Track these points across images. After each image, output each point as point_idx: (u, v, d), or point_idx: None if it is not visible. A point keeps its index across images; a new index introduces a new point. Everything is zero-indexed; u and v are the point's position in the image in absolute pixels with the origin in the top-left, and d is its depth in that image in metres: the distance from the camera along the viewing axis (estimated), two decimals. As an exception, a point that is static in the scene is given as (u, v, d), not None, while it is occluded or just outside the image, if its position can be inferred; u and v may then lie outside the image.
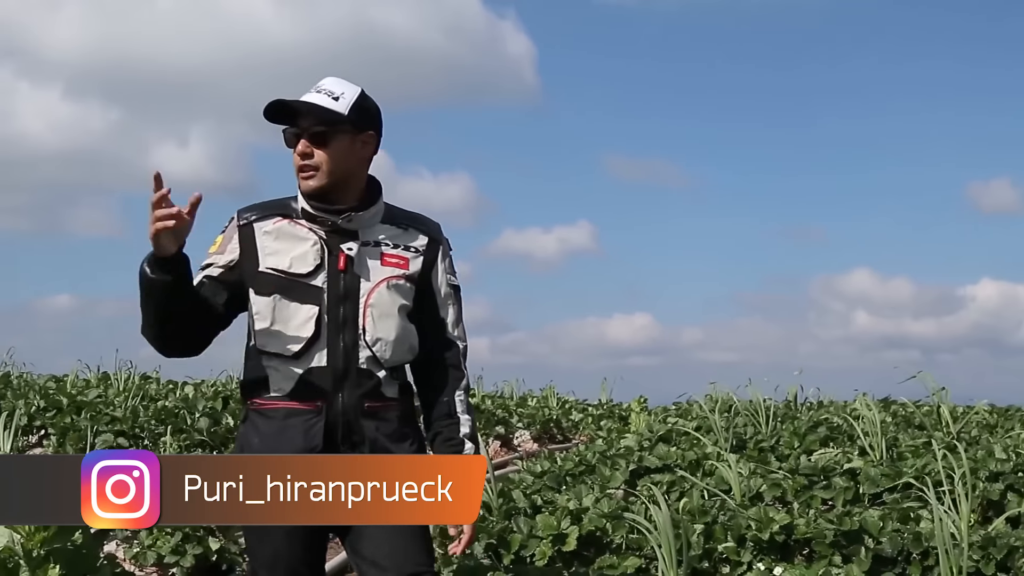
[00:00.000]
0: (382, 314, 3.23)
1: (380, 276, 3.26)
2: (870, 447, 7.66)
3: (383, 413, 3.25)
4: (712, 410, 8.94)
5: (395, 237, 3.33)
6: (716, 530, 5.44)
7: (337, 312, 3.21)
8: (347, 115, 3.22)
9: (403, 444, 3.26)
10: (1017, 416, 10.00)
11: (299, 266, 3.23)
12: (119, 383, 10.26)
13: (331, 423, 3.19)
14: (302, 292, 3.22)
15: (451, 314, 3.42)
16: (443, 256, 3.40)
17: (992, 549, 5.16)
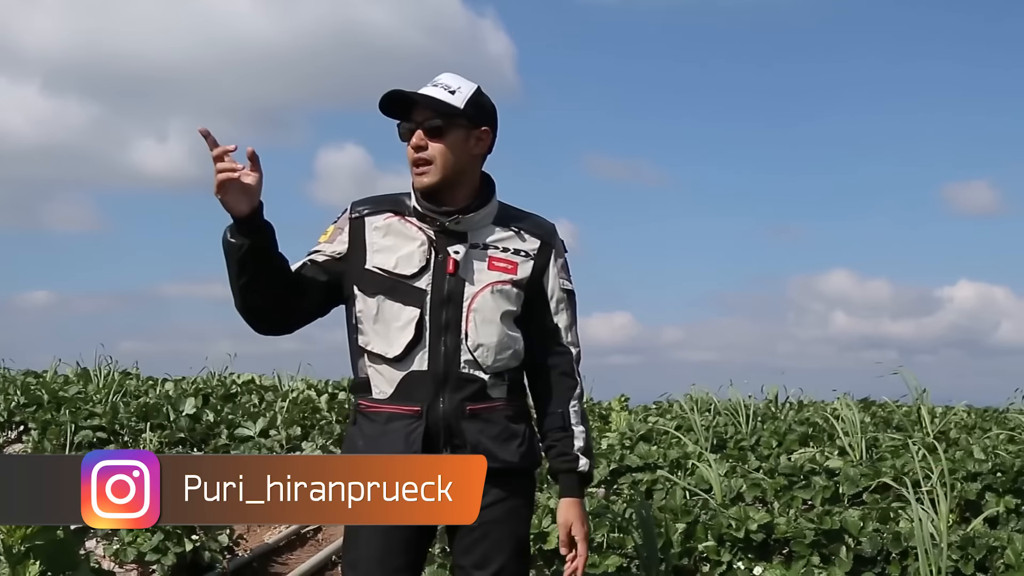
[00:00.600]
0: (485, 319, 3.15)
1: (486, 280, 3.18)
2: (850, 447, 7.69)
3: (487, 415, 3.18)
4: (692, 409, 8.95)
5: (505, 240, 3.25)
6: (697, 529, 5.46)
7: (440, 315, 3.15)
8: (463, 109, 3.16)
9: (510, 445, 3.19)
10: (995, 417, 10.04)
11: (404, 267, 3.17)
12: (99, 379, 10.23)
13: (432, 427, 3.13)
14: (405, 293, 3.16)
15: (564, 320, 3.32)
16: (555, 260, 3.30)
17: (971, 549, 5.19)
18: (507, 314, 3.20)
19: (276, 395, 9.96)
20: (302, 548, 6.90)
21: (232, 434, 8.06)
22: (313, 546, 6.93)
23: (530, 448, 3.25)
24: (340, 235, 3.26)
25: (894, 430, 8.96)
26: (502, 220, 3.27)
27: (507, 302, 3.20)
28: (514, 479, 3.21)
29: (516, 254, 3.23)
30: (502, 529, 3.18)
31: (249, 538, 6.77)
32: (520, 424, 3.25)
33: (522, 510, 3.27)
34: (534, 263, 3.25)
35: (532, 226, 3.30)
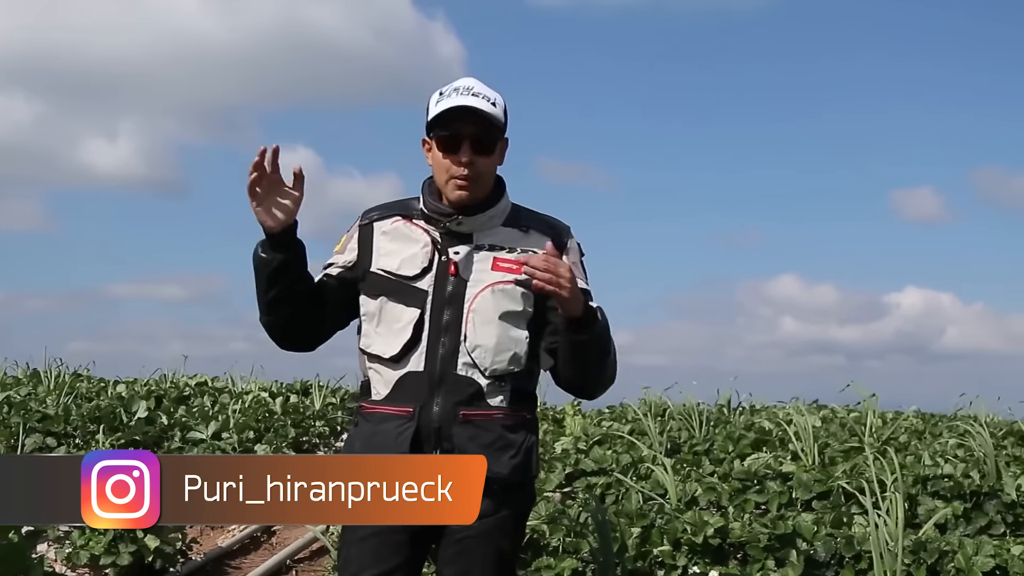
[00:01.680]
0: (484, 320, 3.12)
1: (487, 281, 3.15)
2: (802, 452, 7.75)
3: (481, 422, 3.13)
4: (646, 414, 8.99)
5: (514, 240, 3.21)
6: (653, 533, 5.48)
7: (440, 316, 3.13)
8: (504, 123, 3.19)
9: (501, 456, 3.12)
10: (944, 423, 10.15)
11: (407, 268, 3.18)
12: (50, 381, 10.12)
13: (423, 429, 3.11)
14: (407, 295, 3.16)
15: None
16: (568, 259, 3.17)
17: (923, 554, 5.25)
18: (510, 315, 3.16)
19: (230, 397, 9.90)
20: (256, 552, 6.86)
21: (185, 437, 8.00)
22: (267, 550, 6.89)
23: (525, 461, 3.19)
24: (350, 243, 3.30)
25: (845, 435, 9.04)
26: (512, 221, 3.25)
27: (510, 302, 3.16)
28: (505, 492, 3.14)
29: (524, 254, 3.17)
30: (486, 543, 3.14)
31: (203, 541, 6.73)
32: (517, 435, 3.18)
33: (509, 525, 3.20)
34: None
35: (543, 226, 3.26)
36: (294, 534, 7.05)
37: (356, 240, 3.29)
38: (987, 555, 5.22)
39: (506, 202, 3.26)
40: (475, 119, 3.12)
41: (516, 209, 3.29)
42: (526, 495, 3.30)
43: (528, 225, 3.26)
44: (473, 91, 3.15)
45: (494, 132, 3.17)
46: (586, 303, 3.08)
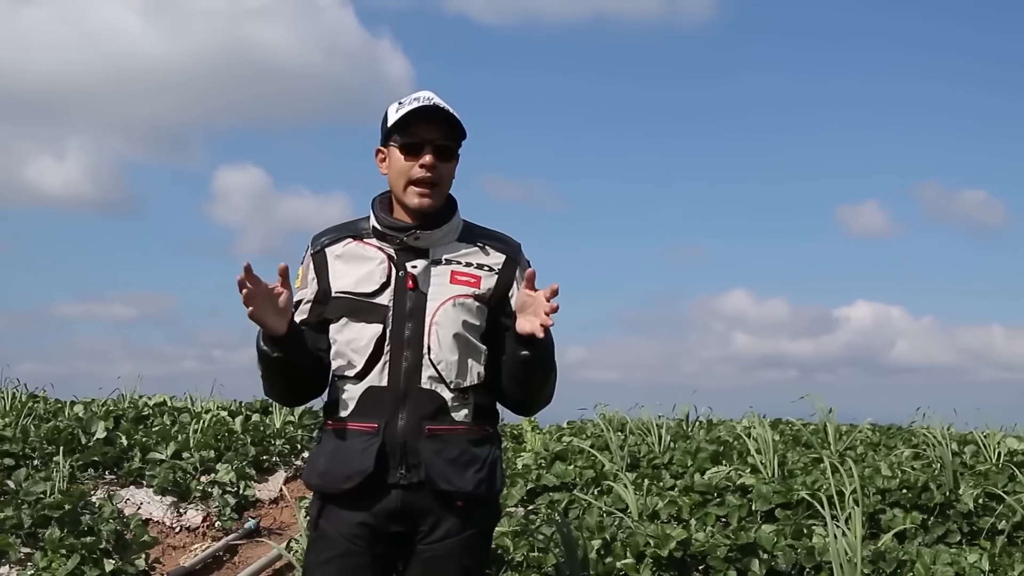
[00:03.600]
0: (447, 333, 3.13)
1: (448, 294, 3.16)
2: (762, 464, 7.82)
3: (447, 436, 3.13)
4: (607, 429, 9.04)
5: (469, 255, 3.23)
6: (616, 547, 5.52)
7: (402, 331, 3.14)
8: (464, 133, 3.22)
9: (466, 471, 3.13)
10: (899, 435, 10.27)
11: (365, 286, 3.19)
12: (6, 402, 10.04)
13: (388, 444, 3.11)
14: (368, 311, 3.17)
15: None
16: (522, 275, 3.19)
17: (882, 563, 5.34)
18: (471, 328, 3.18)
19: (189, 417, 9.86)
20: (219, 571, 6.84)
21: (145, 457, 7.97)
22: (230, 569, 6.87)
23: (490, 476, 3.19)
24: (309, 274, 3.31)
25: (803, 448, 9.13)
26: (467, 236, 3.27)
27: (469, 315, 3.18)
28: (470, 508, 3.16)
29: (480, 268, 3.22)
30: (452, 562, 3.15)
31: (166, 561, 6.70)
32: (482, 449, 3.19)
33: (475, 541, 3.21)
34: (499, 278, 3.23)
35: (497, 242, 3.29)
36: (257, 552, 7.04)
37: (312, 269, 3.30)
38: (945, 563, 5.31)
39: (459, 218, 3.29)
40: (439, 122, 3.16)
41: (468, 225, 3.32)
42: (491, 510, 3.31)
43: (484, 242, 3.28)
44: (433, 101, 3.18)
45: (456, 139, 3.20)
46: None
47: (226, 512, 7.53)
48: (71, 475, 7.52)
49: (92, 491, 7.21)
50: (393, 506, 3.13)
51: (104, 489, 7.51)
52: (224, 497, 7.64)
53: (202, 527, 7.39)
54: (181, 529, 7.32)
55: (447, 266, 3.21)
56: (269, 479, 8.70)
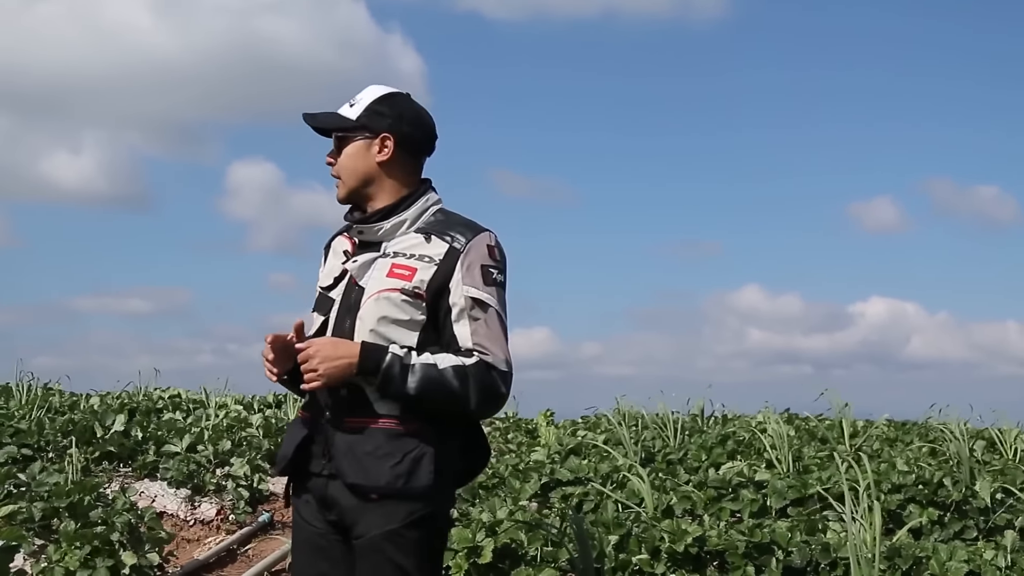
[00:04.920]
0: (366, 327, 3.10)
1: (377, 288, 3.12)
2: (776, 460, 7.79)
3: (365, 429, 3.10)
4: (621, 423, 9.02)
5: (413, 247, 3.17)
6: (631, 542, 5.51)
7: (343, 324, 3.16)
8: (356, 120, 3.22)
9: (380, 464, 3.06)
10: (915, 430, 10.23)
11: (325, 280, 3.29)
12: (21, 395, 10.05)
13: (315, 435, 3.19)
14: (321, 304, 3.26)
15: (466, 328, 3.13)
16: (463, 265, 3.13)
17: (898, 559, 5.30)
18: (391, 322, 3.12)
19: (204, 410, 9.87)
20: (232, 564, 6.84)
21: (160, 450, 7.97)
22: (243, 562, 6.87)
23: (412, 471, 3.08)
24: (320, 268, 3.41)
25: (818, 443, 9.10)
26: (424, 228, 3.22)
27: (393, 309, 3.12)
28: (388, 503, 3.09)
29: (420, 259, 3.15)
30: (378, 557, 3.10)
31: (179, 554, 6.70)
32: (404, 443, 3.10)
33: (404, 539, 3.10)
34: (437, 268, 3.14)
35: (447, 232, 3.19)
36: (271, 546, 7.04)
37: (321, 263, 3.43)
38: (961, 560, 5.27)
39: (421, 208, 3.24)
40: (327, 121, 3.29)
41: (439, 215, 3.26)
42: (424, 507, 3.13)
43: (433, 231, 3.20)
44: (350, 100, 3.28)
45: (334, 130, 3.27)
46: (364, 356, 3.07)
47: (240, 506, 7.53)
48: (85, 468, 7.53)
49: (106, 484, 7.21)
50: (320, 494, 3.19)
51: (118, 482, 7.52)
52: (238, 491, 7.63)
53: (216, 520, 7.39)
54: (195, 522, 7.32)
55: (391, 259, 3.18)
56: (283, 473, 8.69)
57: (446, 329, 3.15)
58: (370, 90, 3.28)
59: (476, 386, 3.09)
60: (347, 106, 3.25)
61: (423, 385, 3.05)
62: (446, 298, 3.14)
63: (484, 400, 3.13)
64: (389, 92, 3.27)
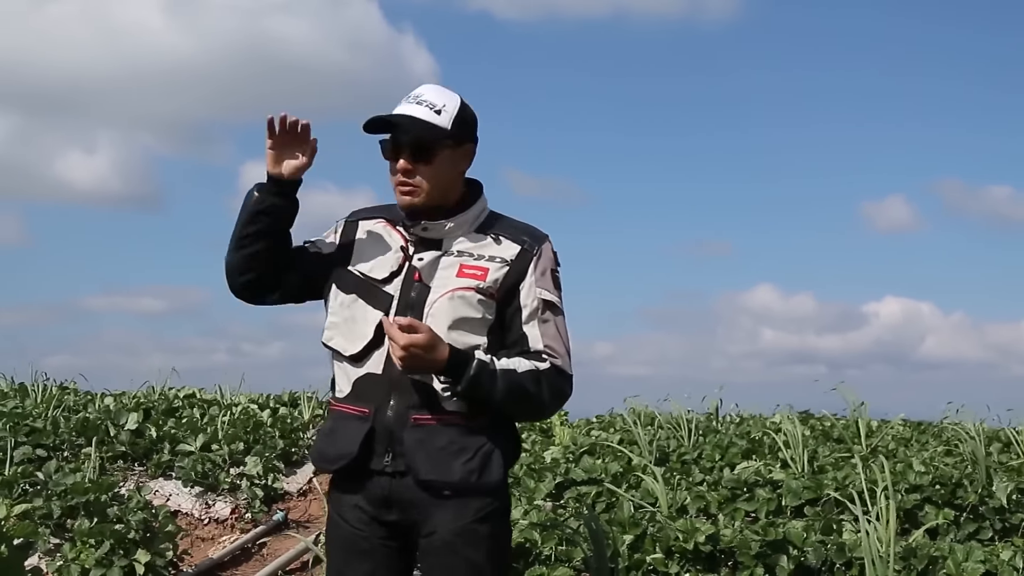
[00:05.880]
0: (439, 325, 3.08)
1: (449, 287, 3.13)
2: (791, 460, 7.77)
3: (433, 427, 3.09)
4: (635, 423, 9.00)
5: (482, 247, 3.19)
6: (645, 541, 5.50)
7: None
8: (450, 130, 3.16)
9: (453, 461, 3.07)
10: (931, 430, 10.19)
11: (378, 271, 3.21)
12: (37, 394, 10.07)
13: (377, 432, 3.11)
14: (375, 297, 3.19)
15: (536, 329, 3.17)
16: (536, 268, 3.19)
17: (913, 560, 5.28)
18: (466, 321, 3.13)
19: (219, 409, 9.87)
20: (247, 563, 6.86)
21: (174, 449, 7.99)
22: (258, 561, 6.88)
23: (483, 466, 3.11)
24: (333, 235, 3.35)
25: (833, 443, 9.07)
26: (484, 227, 3.25)
27: (468, 309, 3.13)
28: (460, 499, 3.11)
29: (491, 260, 3.17)
30: (451, 554, 3.11)
31: (193, 553, 6.71)
32: (474, 439, 3.13)
33: (475, 534, 3.12)
34: (509, 269, 3.17)
35: (515, 233, 3.24)
36: (285, 545, 7.04)
37: (339, 233, 3.34)
38: (977, 560, 5.25)
39: (479, 208, 3.27)
40: (410, 125, 3.14)
41: (493, 216, 3.29)
42: (492, 502, 3.18)
43: (500, 233, 3.23)
44: (420, 98, 3.17)
45: (433, 137, 3.15)
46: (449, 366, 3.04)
47: (254, 504, 7.54)
48: (101, 466, 7.54)
49: (121, 482, 7.23)
50: (382, 493, 3.14)
51: (133, 480, 7.53)
52: (252, 489, 7.65)
53: (230, 519, 7.40)
54: (209, 521, 7.33)
55: (458, 258, 3.18)
56: (297, 472, 8.70)
57: (513, 329, 3.18)
58: (439, 93, 3.20)
59: (549, 389, 3.15)
60: (429, 111, 3.14)
61: (507, 390, 3.08)
62: (516, 299, 3.18)
63: (554, 402, 3.21)
64: (461, 98, 3.23)
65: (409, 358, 2.99)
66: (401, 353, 2.99)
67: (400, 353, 2.99)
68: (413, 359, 3.00)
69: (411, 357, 2.99)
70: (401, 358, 3.00)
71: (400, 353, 2.99)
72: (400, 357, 3.00)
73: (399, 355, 3.00)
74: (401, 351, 2.98)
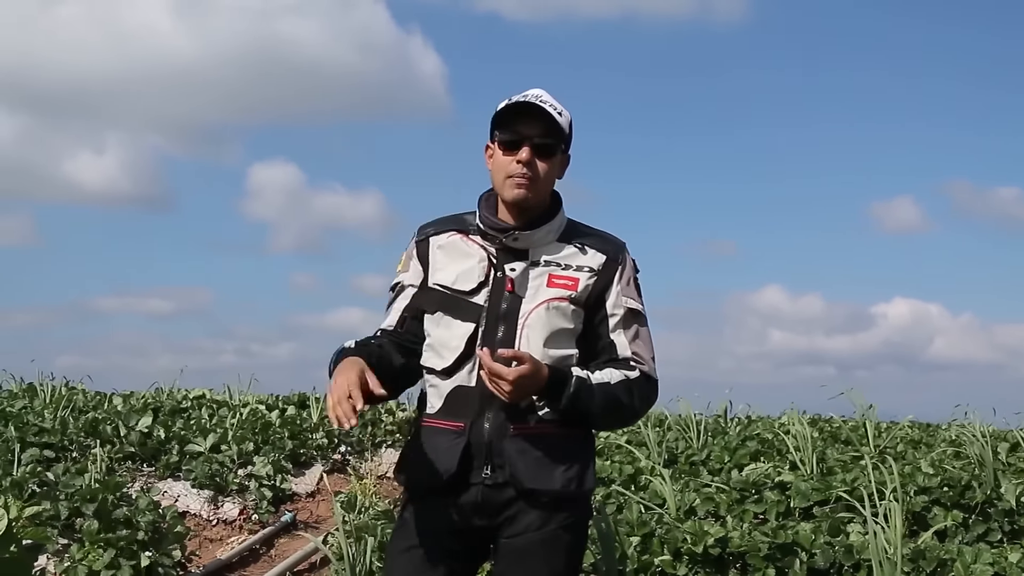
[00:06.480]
0: (537, 336, 3.07)
1: (542, 297, 3.11)
2: (800, 462, 7.76)
3: (533, 436, 3.07)
4: (644, 424, 9.00)
5: (568, 257, 3.18)
6: (653, 543, 5.49)
7: (495, 332, 3.10)
8: (568, 132, 3.18)
9: (553, 470, 3.07)
10: (939, 432, 10.18)
11: (463, 283, 3.17)
12: (45, 394, 10.09)
13: (473, 444, 3.08)
14: (463, 309, 3.15)
15: (624, 336, 3.18)
16: (621, 277, 3.20)
17: (922, 562, 5.27)
18: (561, 332, 3.12)
19: (228, 410, 9.89)
20: (255, 564, 6.87)
21: (183, 450, 8.00)
22: (266, 562, 6.90)
23: (579, 474, 3.12)
24: (412, 260, 3.31)
25: (842, 445, 9.06)
26: (568, 236, 3.22)
27: (563, 319, 3.12)
28: (555, 505, 3.10)
29: (579, 270, 3.16)
30: (534, 557, 3.10)
31: (202, 554, 6.73)
32: (571, 447, 3.13)
33: (558, 539, 3.12)
34: (597, 279, 3.16)
35: (598, 242, 3.22)
36: (293, 546, 7.06)
37: (416, 257, 3.30)
38: (986, 563, 5.24)
39: (562, 217, 3.25)
40: (535, 119, 3.12)
41: (572, 224, 3.27)
42: (580, 509, 3.20)
43: (584, 242, 3.22)
44: (541, 98, 3.15)
45: (556, 137, 3.15)
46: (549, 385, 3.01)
47: (263, 505, 7.55)
48: (109, 467, 7.56)
49: (130, 483, 7.24)
50: (474, 500, 3.10)
51: (142, 481, 7.54)
52: (261, 490, 7.66)
53: (239, 520, 7.42)
54: (218, 522, 7.35)
55: (546, 268, 3.16)
56: (306, 473, 8.72)
57: (601, 338, 3.18)
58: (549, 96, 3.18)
59: (640, 397, 3.17)
60: (555, 112, 3.14)
61: (604, 403, 3.08)
62: (603, 307, 3.18)
63: (644, 409, 3.24)
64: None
65: (517, 390, 2.96)
66: (509, 388, 2.94)
67: (508, 388, 2.94)
68: (521, 391, 2.97)
69: (519, 389, 2.96)
70: (510, 392, 2.96)
71: (508, 388, 2.94)
72: (508, 392, 2.96)
73: (507, 390, 2.95)
74: (509, 386, 2.94)
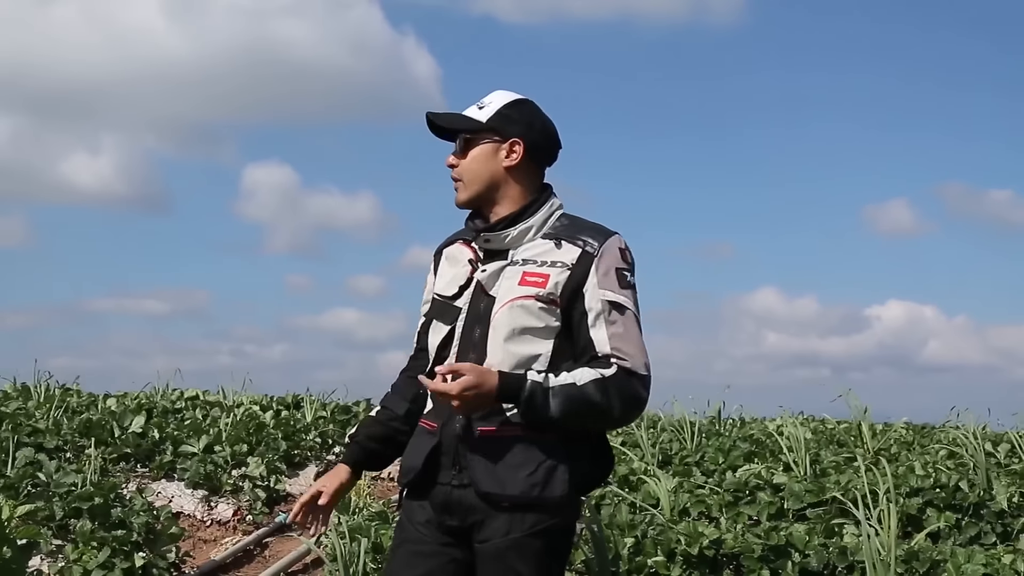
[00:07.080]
0: (502, 336, 3.04)
1: (510, 296, 3.06)
2: (794, 463, 7.77)
3: (497, 439, 3.03)
4: (638, 426, 9.01)
5: (544, 253, 3.11)
6: (646, 544, 5.49)
7: (471, 334, 3.09)
8: (486, 123, 3.13)
9: (516, 473, 3.01)
10: (934, 434, 10.20)
11: (449, 288, 3.19)
12: (39, 395, 10.08)
13: (443, 445, 3.08)
14: (447, 313, 3.16)
15: (603, 332, 3.05)
16: (598, 269, 3.06)
17: (915, 563, 5.28)
18: (527, 330, 3.06)
19: (221, 411, 9.89)
20: (249, 564, 6.87)
21: (177, 450, 8.00)
22: (260, 563, 6.89)
23: (546, 480, 3.03)
24: (429, 276, 3.36)
25: (836, 446, 9.07)
26: (551, 233, 3.15)
27: (528, 317, 3.06)
28: (517, 512, 3.04)
29: (552, 266, 3.08)
30: (501, 565, 3.05)
31: (196, 555, 6.72)
32: (541, 452, 3.05)
33: (527, 546, 3.05)
34: (571, 273, 3.07)
35: (578, 236, 3.13)
36: (287, 547, 7.05)
37: (432, 271, 3.35)
38: (978, 564, 5.25)
39: (546, 214, 3.18)
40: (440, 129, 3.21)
41: (563, 220, 3.20)
42: (552, 516, 3.09)
43: (563, 237, 3.13)
44: (479, 102, 3.19)
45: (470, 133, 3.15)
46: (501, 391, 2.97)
47: (257, 506, 7.55)
48: (103, 468, 7.55)
49: (124, 484, 7.23)
50: (444, 500, 3.10)
51: (136, 482, 7.54)
52: (255, 491, 7.66)
53: (233, 521, 7.42)
54: (212, 523, 7.35)
55: (522, 267, 3.11)
56: (300, 474, 8.73)
57: (581, 334, 3.08)
58: (499, 94, 3.20)
59: (618, 396, 3.03)
60: (475, 108, 3.17)
61: (566, 406, 2.99)
62: (580, 303, 3.07)
63: (627, 409, 3.09)
64: (519, 98, 3.21)
65: (465, 403, 2.94)
66: (456, 402, 2.93)
67: (455, 403, 2.94)
68: (470, 402, 2.94)
69: (466, 401, 2.94)
70: (458, 406, 2.95)
71: (455, 403, 2.94)
72: (457, 406, 2.95)
73: (455, 404, 2.94)
74: (455, 400, 2.93)
